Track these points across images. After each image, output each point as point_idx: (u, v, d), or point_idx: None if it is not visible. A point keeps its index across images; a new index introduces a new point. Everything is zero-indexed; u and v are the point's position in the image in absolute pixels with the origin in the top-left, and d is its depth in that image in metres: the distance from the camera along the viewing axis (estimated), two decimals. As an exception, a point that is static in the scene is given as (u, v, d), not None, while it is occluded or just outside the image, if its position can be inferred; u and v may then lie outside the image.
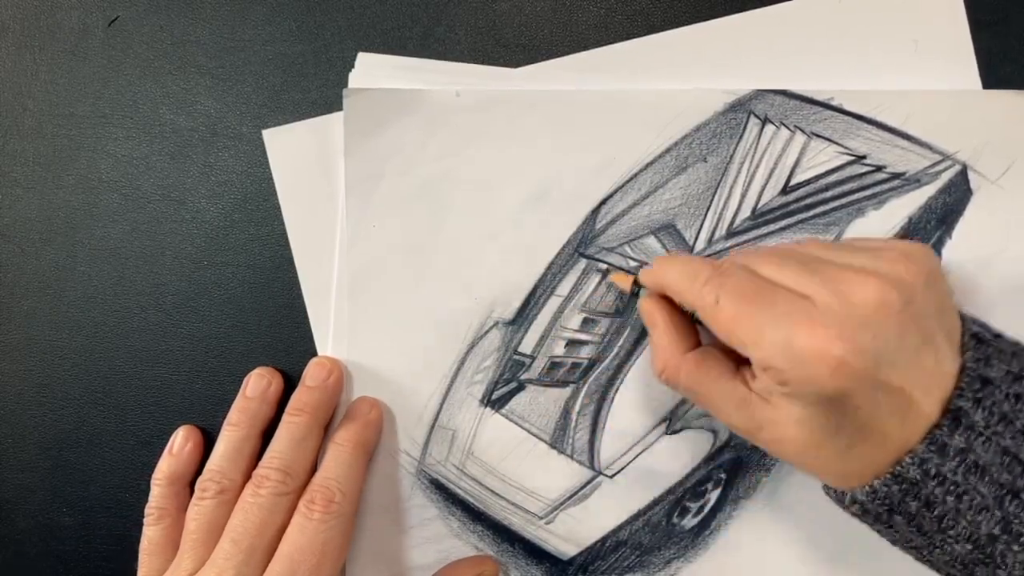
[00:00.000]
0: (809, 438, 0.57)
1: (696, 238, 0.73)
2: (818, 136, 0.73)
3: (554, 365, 0.74)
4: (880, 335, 0.55)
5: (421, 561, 0.74)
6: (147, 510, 0.73)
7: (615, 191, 0.74)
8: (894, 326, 0.56)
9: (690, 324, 0.66)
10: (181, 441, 0.75)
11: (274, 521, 0.67)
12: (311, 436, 0.71)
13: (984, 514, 0.55)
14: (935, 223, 0.72)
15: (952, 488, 0.55)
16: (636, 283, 0.70)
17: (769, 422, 0.59)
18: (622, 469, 0.73)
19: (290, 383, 0.76)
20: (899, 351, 0.56)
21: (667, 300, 0.67)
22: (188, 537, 0.69)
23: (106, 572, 0.78)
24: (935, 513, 0.56)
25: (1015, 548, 0.55)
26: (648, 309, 0.68)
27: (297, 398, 0.73)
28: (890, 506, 0.57)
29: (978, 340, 0.59)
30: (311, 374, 0.74)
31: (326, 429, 0.74)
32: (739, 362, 0.63)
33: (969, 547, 0.56)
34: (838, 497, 0.60)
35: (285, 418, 0.72)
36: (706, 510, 0.73)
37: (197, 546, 0.68)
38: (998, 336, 0.60)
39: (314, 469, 0.71)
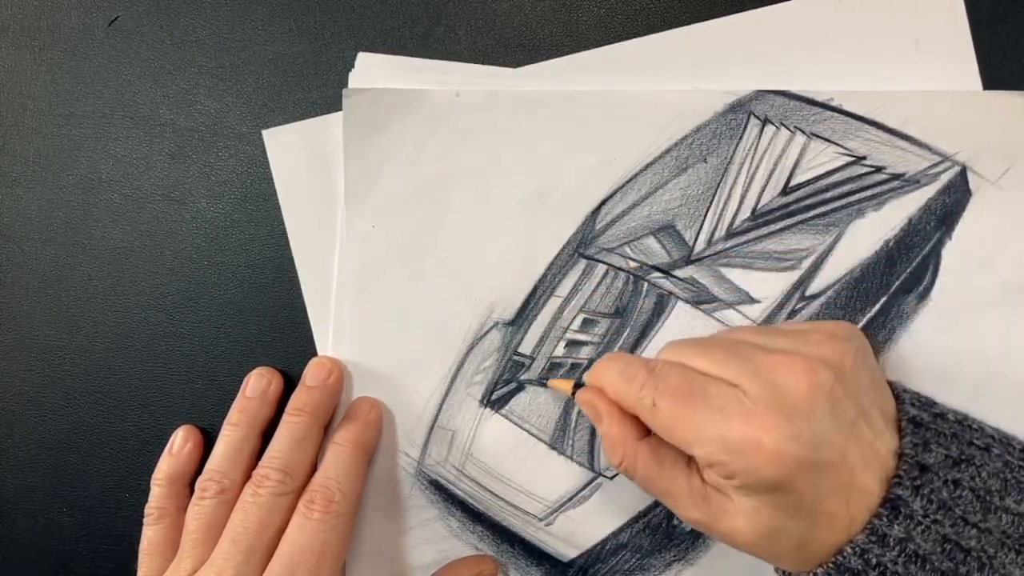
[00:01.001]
0: (761, 528, 0.58)
1: (696, 239, 0.73)
2: (818, 137, 0.73)
3: (554, 366, 0.74)
4: (813, 419, 0.56)
5: (420, 561, 0.74)
6: (147, 510, 0.73)
7: (615, 191, 0.74)
8: (826, 405, 0.57)
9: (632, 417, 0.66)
10: (181, 441, 0.75)
11: (274, 521, 0.67)
12: (311, 436, 0.71)
13: None
14: (935, 224, 0.71)
15: None
16: (576, 386, 0.70)
17: (724, 513, 0.60)
18: None
19: (290, 383, 0.76)
20: (835, 429, 0.57)
21: (607, 397, 0.67)
22: (188, 537, 0.69)
23: (106, 572, 0.78)
24: None
25: None
26: (587, 401, 0.67)
27: (297, 398, 0.73)
28: None
29: (915, 424, 0.60)
30: (311, 374, 0.74)
31: (326, 429, 0.74)
32: (690, 457, 0.63)
33: None
34: None
35: (285, 418, 0.72)
36: None
37: (197, 546, 0.68)
38: (938, 416, 0.61)
39: (314, 469, 0.71)
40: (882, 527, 0.56)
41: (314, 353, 0.76)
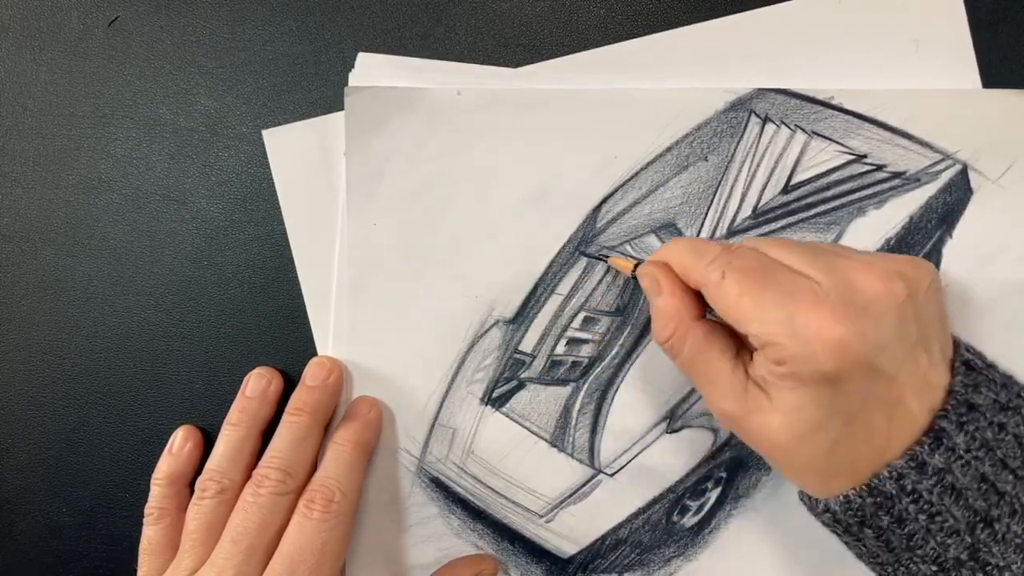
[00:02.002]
0: (796, 428, 0.57)
1: (697, 237, 0.72)
2: (819, 135, 0.73)
3: (554, 363, 0.73)
4: (881, 323, 0.55)
5: (421, 560, 0.74)
6: (147, 510, 0.72)
7: (616, 190, 0.73)
8: (895, 317, 0.56)
9: (696, 294, 0.64)
10: (181, 441, 0.75)
11: (274, 521, 0.67)
12: (311, 436, 0.71)
13: (954, 538, 0.55)
14: (936, 222, 0.71)
15: (926, 507, 0.55)
16: (637, 266, 0.68)
17: (758, 409, 0.58)
18: (622, 467, 0.73)
19: (290, 383, 0.75)
20: (897, 343, 0.56)
21: (671, 271, 0.65)
22: (188, 537, 0.69)
23: (106, 572, 0.78)
24: (905, 530, 0.56)
25: None
26: (650, 272, 0.65)
27: (297, 398, 0.72)
28: (862, 518, 0.57)
29: (968, 367, 0.59)
30: (311, 374, 0.73)
31: (326, 428, 0.74)
32: (740, 348, 0.62)
33: (934, 568, 0.56)
34: (811, 504, 0.61)
35: (285, 418, 0.72)
36: (706, 509, 0.73)
37: (197, 546, 0.68)
38: (990, 366, 0.60)
39: (314, 468, 0.71)
40: (923, 454, 0.55)
41: (314, 353, 0.76)
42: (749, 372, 0.60)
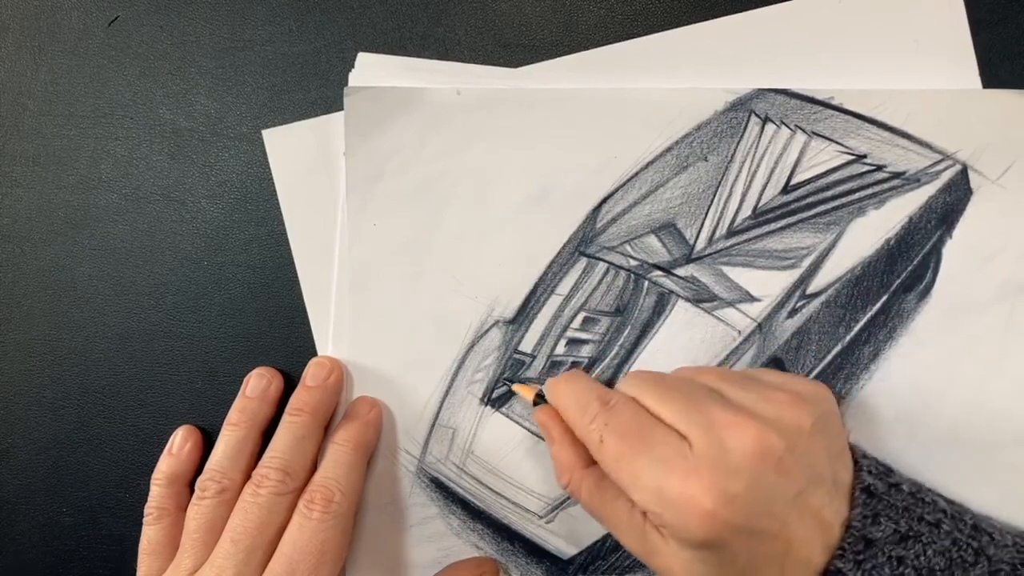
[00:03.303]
0: None
1: (697, 237, 0.72)
2: (819, 135, 0.72)
3: (555, 364, 0.73)
4: (754, 483, 0.55)
5: (421, 560, 0.73)
6: (147, 509, 0.72)
7: (616, 190, 0.73)
8: (771, 474, 0.56)
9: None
10: (180, 441, 0.75)
11: (274, 521, 0.66)
12: (311, 436, 0.71)
13: None
14: (935, 222, 0.71)
15: None
16: (539, 395, 0.70)
17: (658, 552, 0.59)
18: None
19: (290, 383, 0.75)
20: (776, 499, 0.56)
21: (561, 420, 0.68)
22: (188, 536, 0.68)
23: (106, 572, 0.78)
24: None
25: None
26: (543, 422, 0.69)
27: (297, 398, 0.72)
28: None
29: (869, 494, 0.58)
30: (311, 374, 0.73)
31: (326, 429, 0.73)
32: None
33: None
34: None
35: (285, 418, 0.71)
36: None
37: (197, 545, 0.67)
38: (893, 486, 0.59)
39: (314, 469, 0.70)
40: None
41: (314, 352, 0.76)
42: (644, 514, 0.60)
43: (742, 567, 0.55)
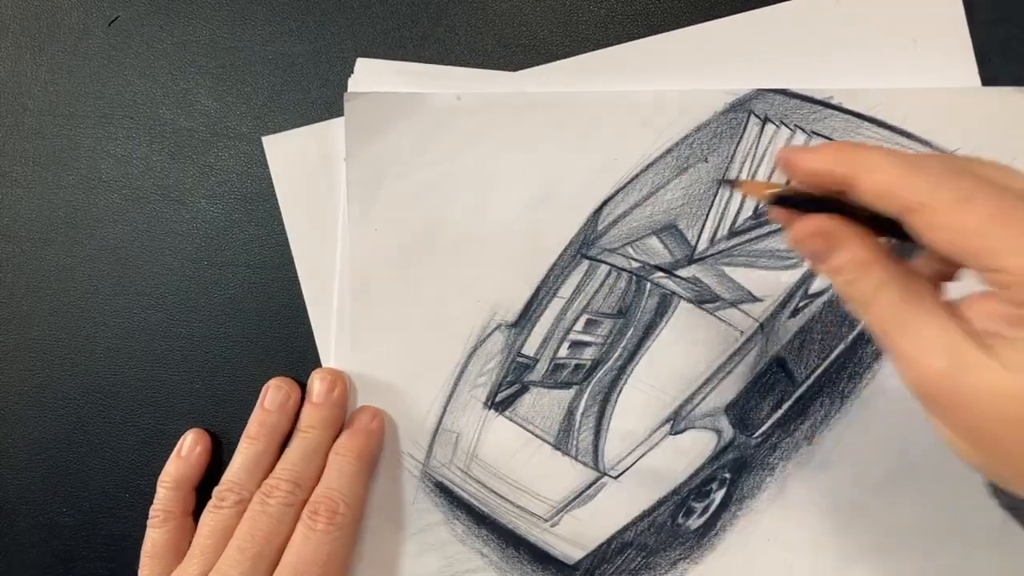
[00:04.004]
0: None
1: (698, 238, 0.72)
2: (818, 135, 0.72)
3: (557, 367, 0.72)
4: None
5: (425, 568, 0.73)
6: (152, 512, 0.71)
7: (616, 192, 0.73)
8: None
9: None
10: (190, 444, 0.74)
11: (281, 531, 0.66)
12: (321, 449, 0.71)
13: None
14: (937, 222, 0.70)
15: None
16: (778, 197, 0.53)
17: (979, 367, 0.44)
18: (627, 470, 0.72)
19: None
20: None
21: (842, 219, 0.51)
22: (200, 543, 0.68)
23: (106, 572, 0.77)
24: None
25: None
26: (820, 228, 0.51)
27: (307, 415, 0.72)
28: None
29: None
30: (316, 391, 0.73)
31: None
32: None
33: None
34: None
35: (297, 433, 0.71)
36: (711, 510, 0.72)
37: (207, 552, 0.67)
38: None
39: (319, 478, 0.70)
40: None
41: (314, 353, 0.75)
42: (967, 324, 0.46)
43: None
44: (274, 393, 0.73)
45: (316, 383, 0.73)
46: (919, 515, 0.70)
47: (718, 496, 0.72)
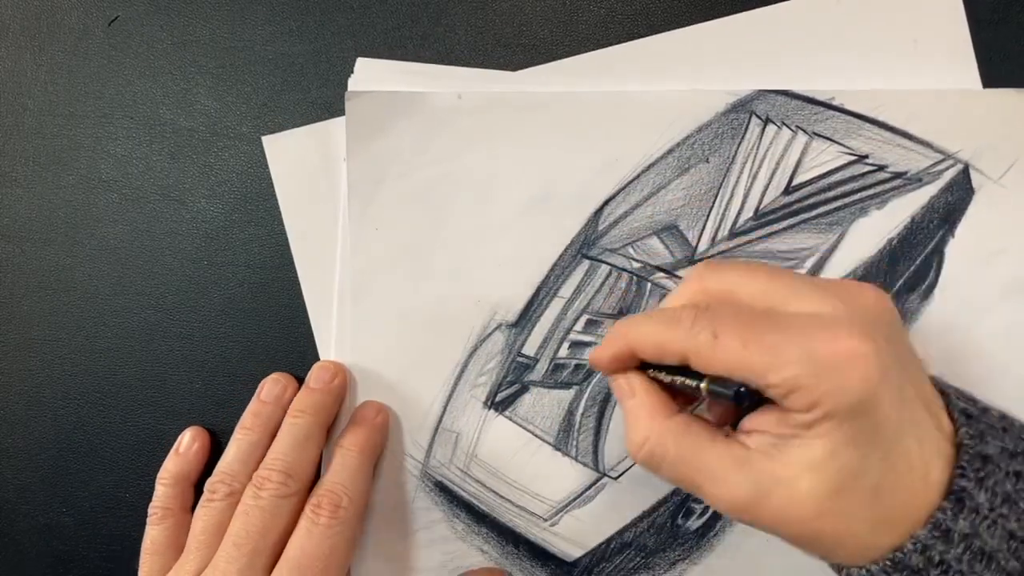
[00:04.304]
0: (833, 481, 0.50)
1: (699, 239, 0.72)
2: (820, 136, 0.72)
3: (558, 367, 0.72)
4: (891, 336, 0.52)
5: (426, 564, 0.73)
6: (151, 509, 0.71)
7: (617, 192, 0.73)
8: (897, 328, 0.54)
9: (667, 393, 0.59)
10: (188, 441, 0.74)
11: (276, 524, 0.66)
12: (313, 438, 0.70)
13: None
14: (937, 222, 0.71)
15: None
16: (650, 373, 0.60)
17: (776, 483, 0.52)
18: (627, 470, 0.72)
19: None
20: (907, 357, 0.53)
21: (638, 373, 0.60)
22: (195, 538, 0.67)
23: (106, 572, 0.77)
24: None
25: None
26: (623, 380, 0.60)
27: (300, 400, 0.71)
28: None
29: (967, 416, 0.54)
30: (315, 376, 0.72)
31: (329, 433, 0.73)
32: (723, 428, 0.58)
33: None
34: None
35: (287, 420, 0.70)
36: (711, 511, 0.72)
37: (203, 547, 0.67)
38: (984, 410, 0.55)
39: (316, 472, 0.70)
40: (946, 521, 0.50)
41: (314, 353, 0.75)
42: (751, 445, 0.54)
43: (891, 438, 0.50)
44: (271, 386, 0.73)
45: (316, 371, 0.73)
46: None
47: (718, 497, 0.71)
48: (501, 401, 0.73)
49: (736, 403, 0.52)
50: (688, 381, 0.55)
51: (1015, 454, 0.52)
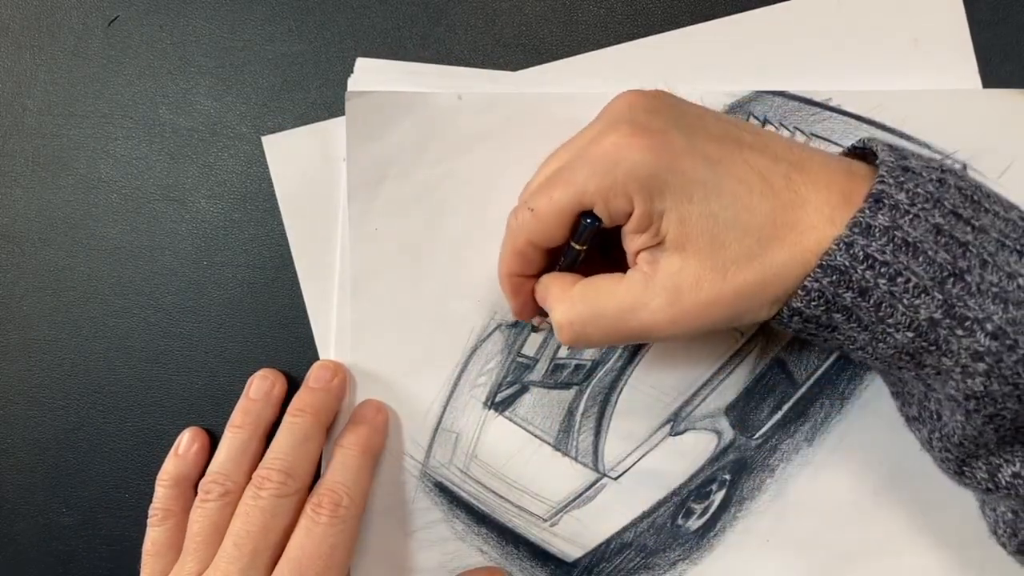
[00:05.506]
0: (706, 263, 0.55)
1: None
2: (818, 137, 0.72)
3: (558, 367, 0.72)
4: (655, 113, 0.57)
5: (425, 564, 0.73)
6: (151, 511, 0.71)
7: (617, 192, 0.71)
8: (665, 107, 0.58)
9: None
10: (187, 442, 0.74)
11: (276, 524, 0.65)
12: (313, 437, 0.70)
13: (923, 297, 0.51)
14: (937, 223, 0.70)
15: (884, 270, 0.51)
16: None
17: (671, 276, 0.56)
18: (626, 471, 0.72)
19: (291, 383, 0.74)
20: (695, 125, 0.57)
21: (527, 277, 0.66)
22: (192, 539, 0.67)
23: (106, 572, 0.77)
24: (871, 301, 0.52)
25: (959, 333, 0.50)
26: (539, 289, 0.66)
27: (299, 399, 0.71)
28: (826, 303, 0.53)
29: (891, 148, 0.56)
30: (314, 376, 0.72)
31: (328, 432, 0.72)
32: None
33: (911, 335, 0.52)
34: (780, 321, 0.57)
35: (286, 419, 0.70)
36: (711, 511, 0.72)
37: (201, 548, 0.66)
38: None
39: (316, 472, 0.70)
40: (865, 218, 0.52)
41: (314, 352, 0.75)
42: (643, 269, 0.58)
43: (725, 189, 0.55)
44: (259, 382, 0.73)
45: (316, 370, 0.72)
46: (918, 517, 0.70)
47: (718, 497, 0.71)
48: (501, 401, 0.72)
49: (594, 227, 0.59)
50: (564, 258, 0.62)
51: (937, 169, 0.54)
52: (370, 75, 0.75)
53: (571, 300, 0.60)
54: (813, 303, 0.53)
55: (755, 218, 0.54)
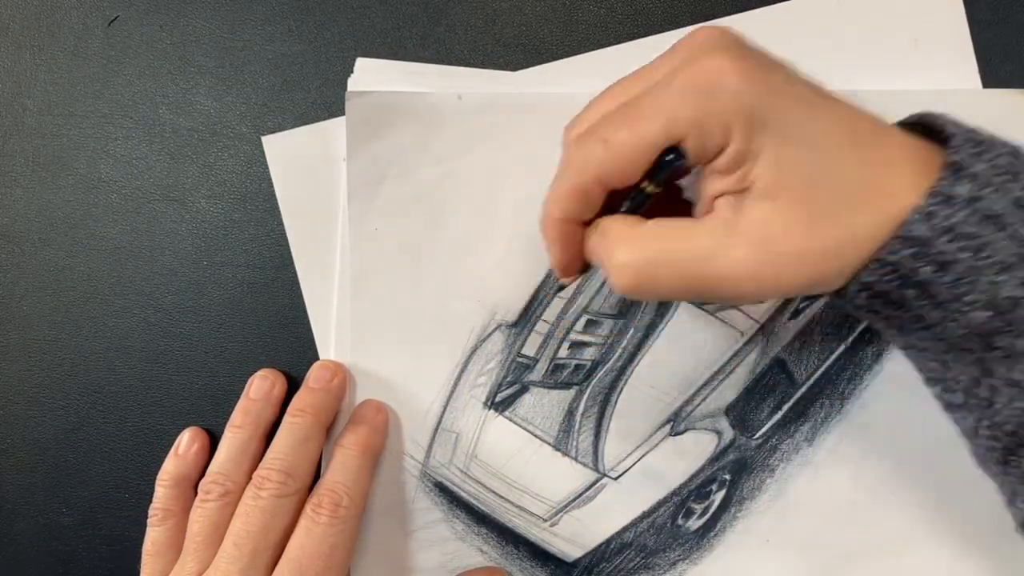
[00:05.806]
0: (798, 211, 0.50)
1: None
2: (818, 136, 0.70)
3: (558, 367, 0.72)
4: (742, 47, 0.53)
5: (425, 564, 0.73)
6: (151, 511, 0.71)
7: (617, 191, 0.71)
8: (748, 45, 0.54)
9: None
10: (188, 442, 0.74)
11: (276, 524, 0.65)
12: (313, 438, 0.70)
13: (1006, 274, 0.48)
14: (937, 222, 0.69)
15: (967, 243, 0.48)
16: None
17: (759, 224, 0.51)
18: (627, 471, 0.72)
19: (290, 383, 0.74)
20: (775, 64, 0.54)
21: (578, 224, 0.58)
22: (192, 539, 0.67)
23: (106, 572, 0.77)
24: (951, 275, 0.48)
25: None
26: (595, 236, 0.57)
27: (299, 399, 0.71)
28: (901, 277, 0.49)
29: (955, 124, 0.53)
30: (314, 376, 0.72)
31: (328, 432, 0.72)
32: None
33: (988, 314, 0.48)
34: (845, 295, 0.52)
35: (286, 419, 0.70)
36: (711, 511, 0.72)
37: (201, 548, 0.66)
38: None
39: (316, 472, 0.70)
40: (944, 187, 0.48)
41: (314, 353, 0.75)
42: (724, 214, 0.52)
43: (818, 132, 0.51)
44: (260, 383, 0.73)
45: (316, 370, 0.72)
46: (918, 517, 0.70)
47: (718, 497, 0.71)
48: (501, 401, 0.72)
49: (678, 167, 0.52)
50: (630, 201, 0.55)
51: (1006, 143, 0.51)
52: (370, 75, 0.75)
53: (641, 239, 0.54)
54: (887, 277, 0.50)
55: (847, 171, 0.50)
